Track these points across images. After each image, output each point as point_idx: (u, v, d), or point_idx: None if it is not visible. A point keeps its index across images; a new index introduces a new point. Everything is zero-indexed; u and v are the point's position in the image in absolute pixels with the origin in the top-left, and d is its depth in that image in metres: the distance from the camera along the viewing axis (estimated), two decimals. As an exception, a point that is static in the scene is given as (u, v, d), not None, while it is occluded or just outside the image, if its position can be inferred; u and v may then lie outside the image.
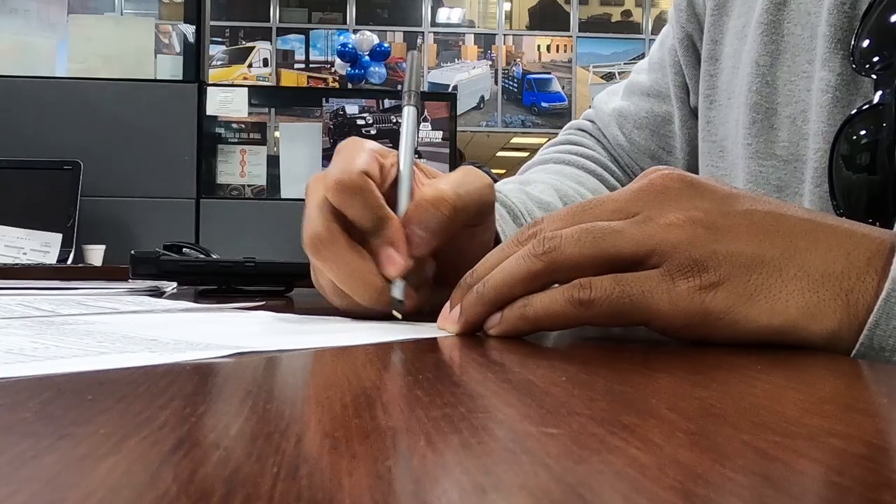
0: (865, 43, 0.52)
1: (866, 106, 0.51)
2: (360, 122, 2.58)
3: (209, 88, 2.42)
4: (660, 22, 7.84)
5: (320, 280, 0.46)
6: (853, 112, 0.52)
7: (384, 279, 0.42)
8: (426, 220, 0.43)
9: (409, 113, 0.50)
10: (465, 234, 0.46)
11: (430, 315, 0.42)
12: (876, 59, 0.51)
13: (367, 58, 6.65)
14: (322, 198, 0.42)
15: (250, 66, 7.58)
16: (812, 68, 0.56)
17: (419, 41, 7.87)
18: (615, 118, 0.81)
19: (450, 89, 7.45)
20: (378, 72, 6.71)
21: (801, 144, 0.57)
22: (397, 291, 0.42)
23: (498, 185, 0.64)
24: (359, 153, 0.44)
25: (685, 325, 0.35)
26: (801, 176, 0.57)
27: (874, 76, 0.51)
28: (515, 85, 7.99)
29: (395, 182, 0.45)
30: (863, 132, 0.51)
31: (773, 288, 0.34)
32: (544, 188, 0.69)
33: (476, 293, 0.37)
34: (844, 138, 0.52)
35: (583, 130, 0.85)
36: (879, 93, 0.50)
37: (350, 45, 6.80)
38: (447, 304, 0.39)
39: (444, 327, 0.39)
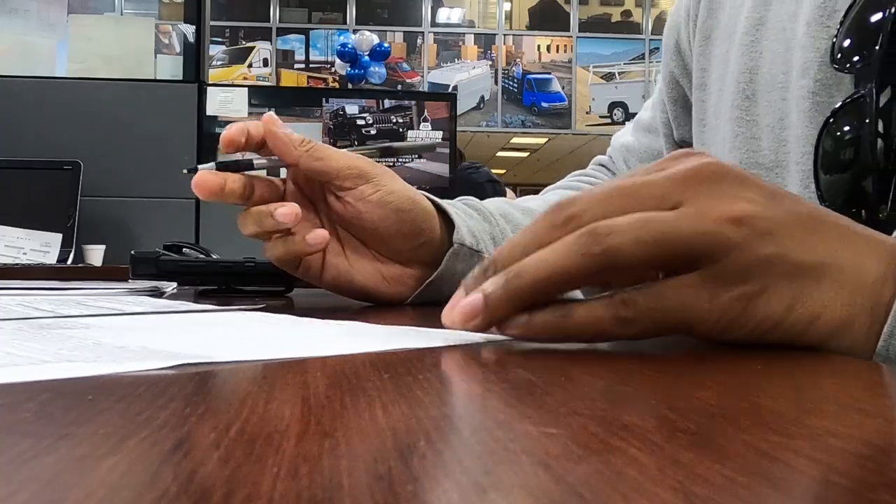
0: (846, 42, 0.53)
1: (849, 100, 0.52)
2: (359, 122, 2.58)
3: (209, 88, 2.41)
4: (660, 22, 7.85)
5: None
6: (837, 107, 0.53)
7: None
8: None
9: None
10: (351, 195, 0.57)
11: (431, 322, 0.42)
12: (856, 58, 0.53)
13: (366, 58, 6.66)
14: None
15: (250, 66, 7.58)
16: (788, 78, 0.59)
17: (419, 41, 7.87)
18: (622, 153, 0.87)
19: (450, 89, 7.45)
20: (378, 72, 6.72)
21: (781, 151, 0.60)
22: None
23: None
24: None
25: (724, 331, 0.34)
26: (785, 182, 0.59)
27: (854, 73, 0.53)
28: (515, 85, 7.99)
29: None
30: (846, 128, 0.53)
31: (811, 300, 0.33)
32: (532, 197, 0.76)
33: (509, 286, 0.33)
34: (828, 134, 0.53)
35: (601, 165, 0.91)
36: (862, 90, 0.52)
37: (350, 46, 6.80)
38: (455, 295, 0.35)
39: (453, 323, 0.34)
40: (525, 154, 9.55)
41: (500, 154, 9.38)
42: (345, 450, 0.16)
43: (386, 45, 7.12)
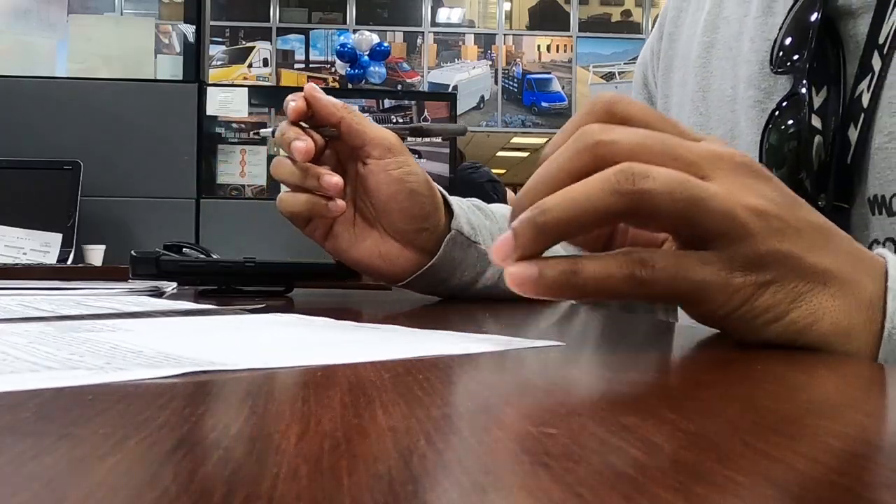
0: (787, 41, 0.56)
1: (789, 97, 0.55)
2: (360, 122, 2.57)
3: (209, 88, 2.41)
4: (660, 22, 7.83)
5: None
6: (780, 101, 0.56)
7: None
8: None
9: None
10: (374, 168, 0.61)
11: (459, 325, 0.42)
12: (795, 56, 0.55)
13: (366, 58, 6.66)
14: None
15: (250, 66, 7.58)
16: (735, 91, 0.63)
17: (419, 41, 7.87)
18: None
19: (450, 89, 7.44)
20: (378, 72, 6.72)
21: None
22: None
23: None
24: None
25: (724, 317, 0.34)
26: None
27: (790, 73, 0.55)
28: (515, 85, 7.99)
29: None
30: (790, 121, 0.55)
31: (815, 300, 0.34)
32: None
33: (533, 223, 0.32)
34: (774, 128, 0.56)
35: None
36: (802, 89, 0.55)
37: (349, 46, 6.80)
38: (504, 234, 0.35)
39: (497, 260, 0.33)
40: (525, 154, 9.55)
41: (500, 154, 9.38)
42: (345, 450, 0.16)
43: (386, 44, 7.11)
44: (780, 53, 0.56)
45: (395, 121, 2.55)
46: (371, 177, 0.62)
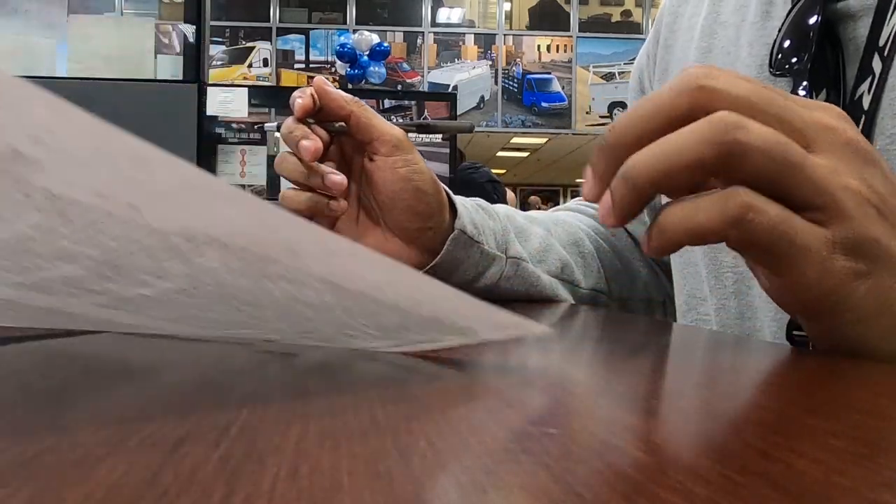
0: (786, 43, 0.56)
1: None
2: (360, 122, 2.57)
3: (209, 88, 2.42)
4: (660, 22, 7.83)
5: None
6: None
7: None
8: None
9: None
10: (381, 165, 0.61)
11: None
12: (794, 59, 0.55)
13: (365, 58, 6.66)
14: None
15: (250, 66, 7.59)
16: None
17: (419, 41, 7.87)
18: None
19: (450, 89, 7.45)
20: (378, 72, 6.72)
21: None
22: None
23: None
24: None
25: (807, 299, 0.31)
26: None
27: (789, 75, 0.55)
28: (515, 85, 8.00)
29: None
30: None
31: None
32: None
33: (624, 181, 0.31)
34: None
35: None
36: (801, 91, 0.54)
37: (349, 46, 6.80)
38: (585, 172, 0.34)
39: (603, 220, 0.33)
40: (525, 154, 9.56)
41: (500, 154, 9.38)
42: (345, 450, 0.16)
43: (385, 44, 7.11)
44: (779, 56, 0.56)
45: (394, 121, 2.55)
46: (377, 173, 0.62)
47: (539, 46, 8.07)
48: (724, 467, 0.15)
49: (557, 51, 8.06)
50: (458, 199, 0.67)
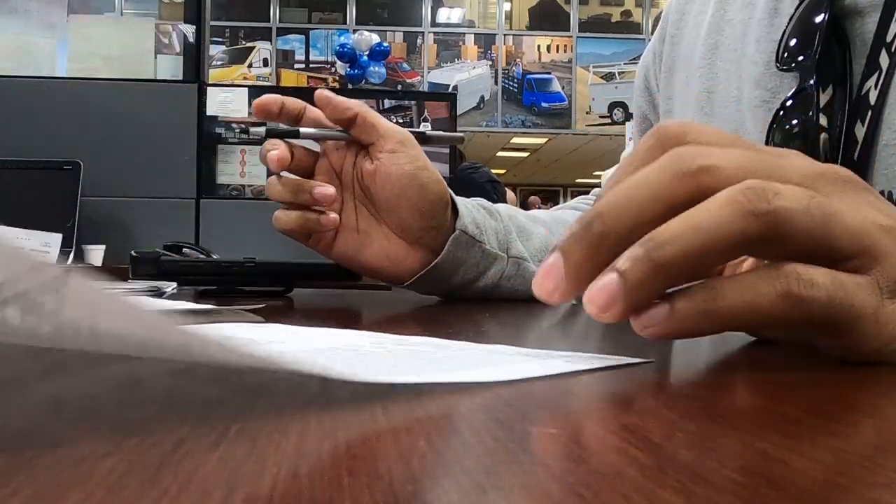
0: (792, 42, 0.56)
1: (795, 94, 0.55)
2: (360, 122, 2.57)
3: (209, 88, 2.41)
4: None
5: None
6: (785, 100, 0.56)
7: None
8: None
9: None
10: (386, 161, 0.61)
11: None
12: (800, 57, 0.55)
13: (365, 58, 6.65)
14: None
15: (250, 66, 7.58)
16: (741, 92, 0.63)
17: (419, 41, 7.87)
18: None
19: (450, 89, 7.45)
20: (377, 72, 6.71)
21: None
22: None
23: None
24: None
25: (874, 351, 0.29)
26: None
27: (797, 71, 0.56)
28: (515, 85, 7.99)
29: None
30: (794, 121, 0.55)
31: None
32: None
33: (649, 261, 0.26)
34: (778, 128, 0.56)
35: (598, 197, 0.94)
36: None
37: (349, 46, 6.80)
38: (548, 259, 0.28)
39: (552, 297, 0.28)
40: (525, 154, 9.55)
41: (500, 154, 9.37)
42: (345, 450, 0.16)
43: (385, 44, 7.11)
44: (786, 54, 0.57)
45: (394, 121, 2.55)
46: (382, 170, 0.62)
47: (539, 46, 8.07)
48: (724, 467, 0.15)
49: (557, 51, 8.06)
50: (460, 199, 0.67)
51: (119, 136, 2.24)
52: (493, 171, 4.14)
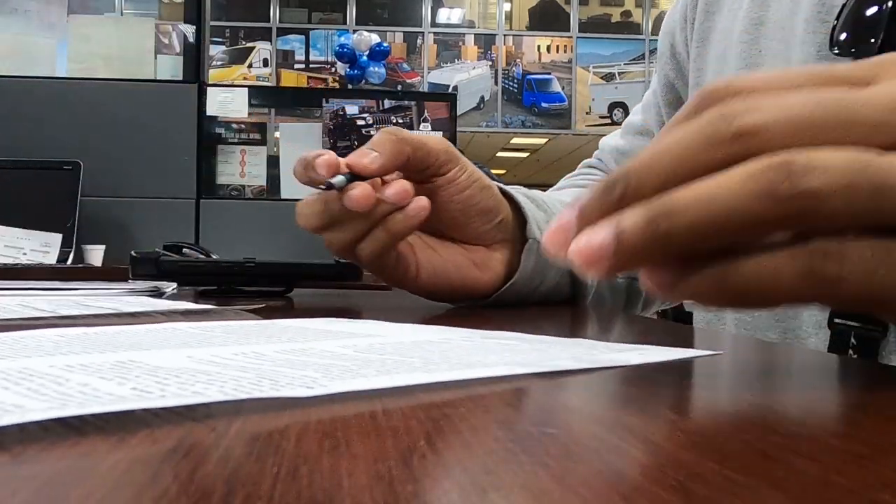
0: (843, 36, 0.53)
1: None
2: (360, 122, 2.58)
3: (209, 89, 2.42)
4: (660, 22, 7.84)
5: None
6: None
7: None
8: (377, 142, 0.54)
9: None
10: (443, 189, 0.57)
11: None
12: (853, 50, 0.53)
13: (364, 58, 6.65)
14: None
15: (250, 66, 7.58)
16: None
17: (419, 41, 7.88)
18: (614, 155, 0.87)
19: (450, 89, 7.45)
20: (377, 72, 6.71)
21: None
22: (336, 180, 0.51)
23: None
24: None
25: None
26: None
27: (855, 58, 0.52)
28: (515, 85, 7.99)
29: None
30: None
31: None
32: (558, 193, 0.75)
33: (654, 228, 0.23)
34: None
35: (592, 167, 0.90)
36: None
37: (348, 47, 6.80)
38: (561, 215, 0.26)
39: (557, 253, 0.26)
40: (525, 154, 9.55)
41: (500, 154, 9.38)
42: (345, 450, 0.16)
43: (385, 44, 7.11)
44: (840, 39, 0.53)
45: (394, 121, 2.55)
46: (442, 191, 0.58)
47: (539, 47, 8.07)
48: (724, 467, 0.15)
49: (557, 51, 8.06)
50: (513, 192, 0.62)
51: (119, 136, 2.24)
52: (493, 171, 4.14)
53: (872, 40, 0.51)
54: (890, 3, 0.51)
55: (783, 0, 0.62)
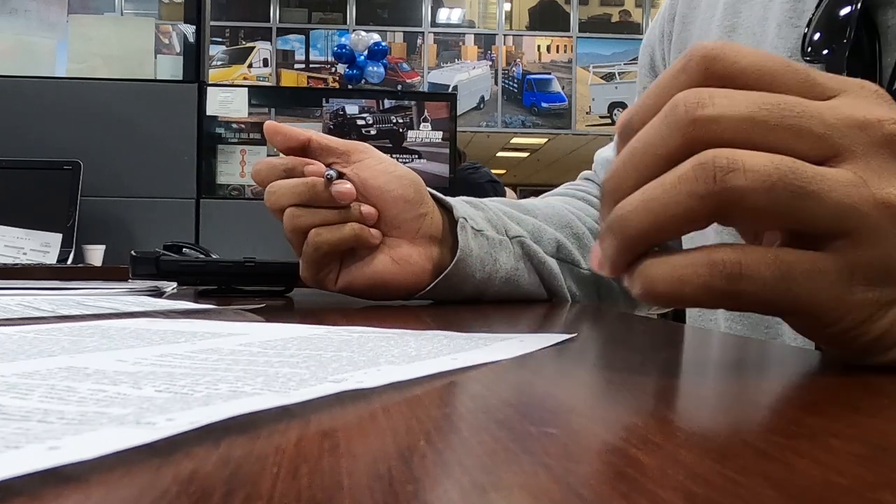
0: (816, 36, 0.54)
1: None
2: (360, 122, 2.58)
3: (209, 89, 2.42)
4: (660, 22, 7.83)
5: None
6: None
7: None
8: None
9: None
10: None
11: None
12: (825, 51, 0.53)
13: (363, 58, 6.65)
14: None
15: (250, 66, 7.59)
16: None
17: (419, 41, 7.87)
18: (604, 165, 0.89)
19: (450, 89, 7.45)
20: (376, 72, 6.71)
21: None
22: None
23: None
24: None
25: (831, 336, 0.28)
26: None
27: (824, 63, 0.53)
28: (515, 85, 8.00)
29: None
30: None
31: None
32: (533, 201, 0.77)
33: (616, 237, 0.27)
34: None
35: (588, 179, 0.92)
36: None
37: (346, 47, 6.80)
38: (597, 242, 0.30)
39: (597, 270, 0.30)
40: (525, 154, 9.55)
41: (500, 154, 9.38)
42: (345, 449, 0.16)
43: (383, 44, 7.11)
44: (813, 42, 0.54)
45: (394, 121, 2.55)
46: (356, 178, 0.61)
47: (539, 47, 8.08)
48: (724, 467, 0.15)
49: (557, 51, 8.07)
50: (440, 195, 0.66)
51: (119, 136, 2.24)
52: (493, 171, 4.15)
53: (845, 40, 0.52)
54: (859, 5, 0.51)
55: (755, 6, 0.62)
